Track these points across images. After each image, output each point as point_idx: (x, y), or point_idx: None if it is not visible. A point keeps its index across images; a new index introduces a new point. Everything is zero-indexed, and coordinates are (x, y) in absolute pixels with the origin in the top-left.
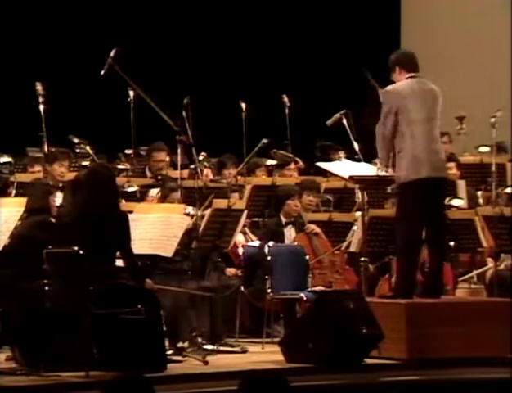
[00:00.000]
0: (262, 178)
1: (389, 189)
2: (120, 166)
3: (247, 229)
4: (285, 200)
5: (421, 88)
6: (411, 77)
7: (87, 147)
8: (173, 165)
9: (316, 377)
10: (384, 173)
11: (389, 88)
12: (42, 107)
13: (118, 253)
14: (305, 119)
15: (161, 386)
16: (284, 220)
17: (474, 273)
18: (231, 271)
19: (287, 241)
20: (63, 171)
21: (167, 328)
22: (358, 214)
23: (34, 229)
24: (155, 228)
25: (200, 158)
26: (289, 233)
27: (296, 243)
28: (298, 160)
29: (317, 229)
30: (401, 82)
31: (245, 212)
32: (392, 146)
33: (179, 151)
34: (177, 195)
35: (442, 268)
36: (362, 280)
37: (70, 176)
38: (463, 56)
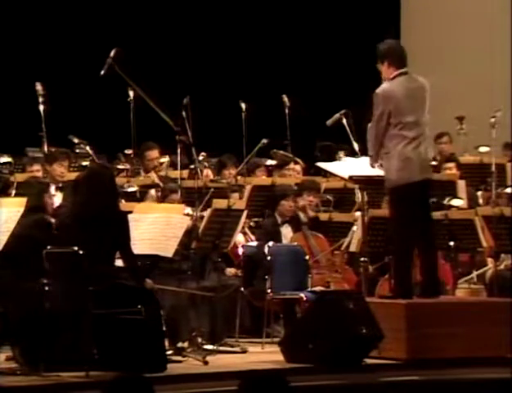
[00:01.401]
0: (262, 179)
1: None
2: (120, 166)
3: (247, 229)
4: (279, 200)
5: (412, 88)
6: (401, 73)
7: (87, 147)
8: (173, 165)
9: (316, 377)
10: (377, 169)
11: (381, 90)
12: (42, 107)
13: (118, 253)
14: (305, 119)
15: (161, 386)
16: (279, 220)
17: (474, 274)
18: (231, 271)
19: (284, 240)
20: (63, 171)
21: (167, 328)
22: (358, 214)
23: (31, 228)
24: (155, 228)
25: (200, 158)
26: (287, 232)
27: (296, 243)
28: (298, 160)
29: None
30: (393, 83)
31: (245, 212)
32: (382, 145)
33: (179, 151)
34: (177, 196)
35: (437, 267)
36: (362, 280)
37: (70, 176)
38: (463, 56)
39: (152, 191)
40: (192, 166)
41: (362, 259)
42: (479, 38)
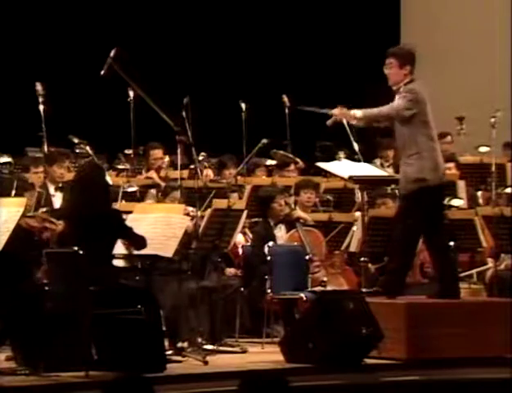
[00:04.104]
0: (262, 178)
1: (389, 189)
2: (120, 166)
3: (247, 229)
4: (268, 203)
5: (427, 92)
6: (413, 79)
7: (87, 147)
8: (173, 165)
9: (316, 377)
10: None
11: (416, 87)
12: (42, 107)
13: (115, 253)
14: (305, 119)
15: (161, 386)
16: (272, 222)
17: (474, 271)
18: (231, 271)
19: (279, 242)
20: (62, 172)
21: (167, 328)
22: (358, 214)
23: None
24: (155, 228)
25: (200, 158)
26: (281, 234)
27: (296, 243)
28: (298, 160)
29: (304, 215)
30: (417, 84)
31: (245, 212)
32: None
33: (179, 151)
34: (178, 194)
35: (456, 267)
36: (362, 280)
37: (70, 176)
38: (463, 57)
39: (152, 191)
40: (192, 166)
41: (362, 259)
42: (480, 39)
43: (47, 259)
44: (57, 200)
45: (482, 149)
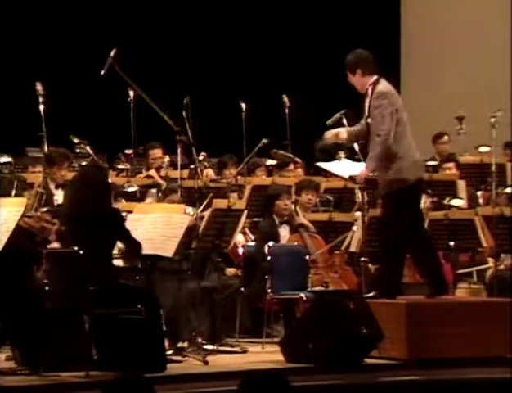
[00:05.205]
0: (262, 178)
1: None
2: (120, 166)
3: (247, 229)
4: (273, 200)
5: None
6: (378, 79)
7: (87, 147)
8: (173, 165)
9: (316, 377)
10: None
11: (387, 88)
12: (42, 107)
13: (115, 253)
14: (305, 119)
15: (161, 386)
16: (277, 220)
17: (474, 269)
18: (231, 271)
19: (282, 241)
20: (62, 174)
21: (167, 328)
22: (358, 214)
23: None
24: (155, 227)
25: (200, 158)
26: (285, 233)
27: (296, 243)
28: (298, 160)
29: (306, 222)
30: (385, 83)
31: (245, 212)
32: (390, 147)
33: (179, 151)
34: (177, 196)
35: (441, 265)
36: (362, 280)
37: (71, 176)
38: (463, 56)
39: (153, 190)
40: (192, 166)
41: (362, 259)
42: (479, 38)
43: (46, 259)
44: (59, 198)
45: (482, 149)
